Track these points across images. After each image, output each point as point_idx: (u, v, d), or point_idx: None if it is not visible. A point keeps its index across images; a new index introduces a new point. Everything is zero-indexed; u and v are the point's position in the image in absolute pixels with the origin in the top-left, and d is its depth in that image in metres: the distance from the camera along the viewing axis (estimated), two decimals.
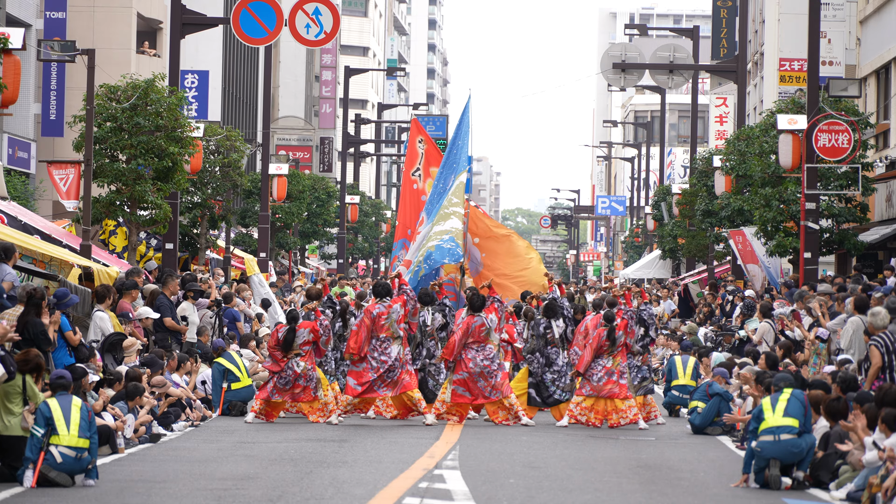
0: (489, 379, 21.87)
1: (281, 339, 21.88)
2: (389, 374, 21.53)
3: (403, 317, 21.74)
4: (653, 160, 75.60)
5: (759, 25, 58.67)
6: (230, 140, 39.02)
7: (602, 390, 21.90)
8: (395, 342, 21.63)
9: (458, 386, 21.95)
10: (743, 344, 29.16)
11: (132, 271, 25.56)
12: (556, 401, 22.57)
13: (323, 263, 68.13)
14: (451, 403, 22.02)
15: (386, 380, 21.54)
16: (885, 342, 18.04)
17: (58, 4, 46.11)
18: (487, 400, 21.99)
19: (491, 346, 22.01)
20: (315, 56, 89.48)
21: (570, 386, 22.53)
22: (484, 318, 21.98)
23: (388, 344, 21.58)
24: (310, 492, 14.27)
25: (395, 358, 21.53)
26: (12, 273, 19.34)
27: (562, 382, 22.55)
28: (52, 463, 14.58)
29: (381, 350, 21.55)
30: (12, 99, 24.21)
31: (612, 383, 21.87)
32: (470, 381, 21.89)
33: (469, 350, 21.95)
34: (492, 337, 22.04)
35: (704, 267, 48.37)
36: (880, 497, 13.93)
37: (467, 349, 21.93)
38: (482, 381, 21.88)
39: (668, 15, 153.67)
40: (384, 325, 21.59)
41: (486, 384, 21.89)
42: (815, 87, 30.87)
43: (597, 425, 21.97)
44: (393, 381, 21.57)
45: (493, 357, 21.95)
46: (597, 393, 21.93)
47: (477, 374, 21.86)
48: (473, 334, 21.96)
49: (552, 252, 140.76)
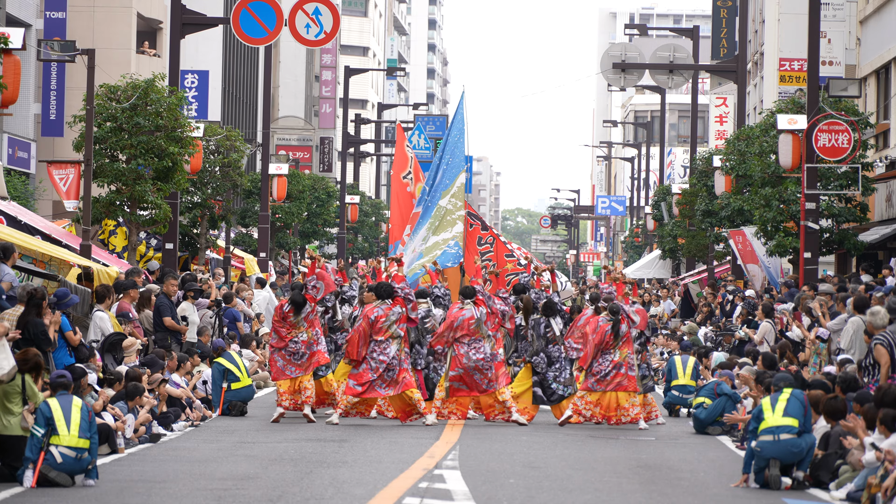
0: (485, 372, 21.94)
1: (289, 309, 21.95)
2: (389, 373, 21.52)
3: (403, 317, 21.74)
4: (653, 160, 75.60)
5: (759, 25, 58.67)
6: (230, 140, 39.03)
7: (610, 384, 21.85)
8: (395, 342, 21.63)
9: (454, 381, 21.98)
10: (743, 344, 29.16)
11: (132, 271, 25.56)
12: (560, 397, 22.57)
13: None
14: (451, 399, 22.04)
15: (386, 379, 21.52)
16: (890, 341, 18.02)
17: (58, 4, 46.10)
18: (485, 392, 22.02)
19: (482, 340, 22.02)
20: (315, 56, 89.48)
21: (569, 380, 22.54)
22: (473, 311, 22.00)
23: (387, 344, 21.57)
24: (310, 492, 14.27)
25: (392, 356, 21.52)
26: (11, 273, 19.34)
27: (562, 377, 22.57)
28: (52, 463, 14.58)
29: (381, 350, 21.51)
30: (12, 99, 24.21)
31: (622, 376, 21.82)
32: (465, 376, 21.95)
33: (461, 345, 21.97)
34: (482, 330, 22.05)
35: (704, 267, 48.37)
36: (880, 497, 13.94)
37: (459, 344, 21.97)
38: (478, 375, 21.94)
39: (668, 15, 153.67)
40: (382, 329, 21.59)
41: (482, 377, 21.95)
42: (815, 87, 30.87)
43: (599, 421, 21.97)
44: (393, 381, 21.56)
45: (485, 350, 21.97)
46: (604, 387, 21.87)
47: (472, 368, 21.90)
48: (462, 327, 21.97)
49: (552, 252, 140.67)
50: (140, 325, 23.14)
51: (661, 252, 56.29)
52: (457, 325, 22.03)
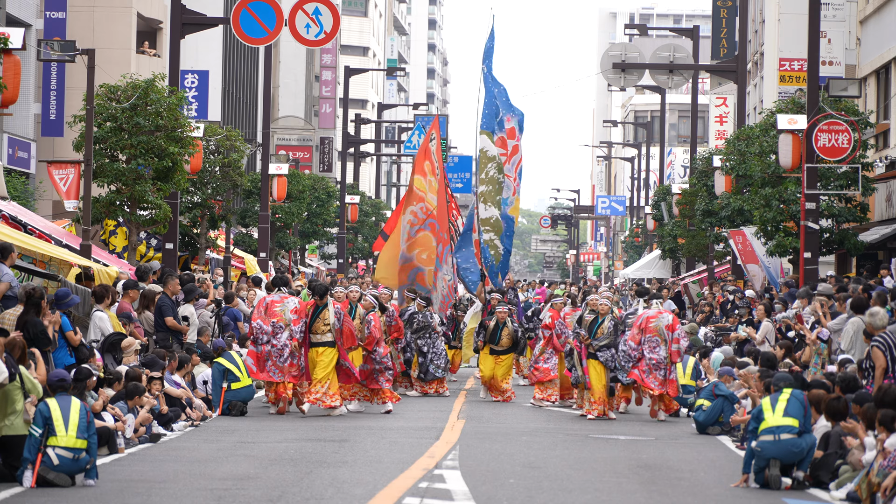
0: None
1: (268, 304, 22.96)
2: (280, 360, 22.58)
3: (297, 310, 22.70)
4: (653, 160, 75.59)
5: (759, 25, 58.66)
6: (230, 140, 39.02)
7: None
8: (286, 330, 22.64)
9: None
10: (743, 344, 29.15)
11: (144, 268, 25.63)
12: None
13: (323, 263, 68.12)
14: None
15: (279, 364, 22.60)
16: (888, 343, 18.00)
17: (58, 4, 46.08)
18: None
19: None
20: (315, 56, 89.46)
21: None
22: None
23: (278, 330, 22.66)
24: (310, 492, 14.27)
25: (283, 344, 22.64)
26: (10, 273, 19.33)
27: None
28: (48, 464, 14.58)
29: (272, 335, 22.68)
30: (12, 99, 24.22)
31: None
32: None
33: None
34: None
35: (704, 267, 48.37)
36: (880, 497, 13.94)
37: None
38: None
39: (668, 15, 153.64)
40: (276, 312, 22.72)
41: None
42: (815, 87, 30.87)
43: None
44: (285, 369, 22.59)
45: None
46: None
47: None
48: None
49: (552, 252, 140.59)
50: (140, 325, 23.14)
51: (661, 252, 56.30)
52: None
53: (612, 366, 23.17)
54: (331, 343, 22.64)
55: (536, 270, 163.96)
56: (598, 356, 23.09)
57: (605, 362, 23.09)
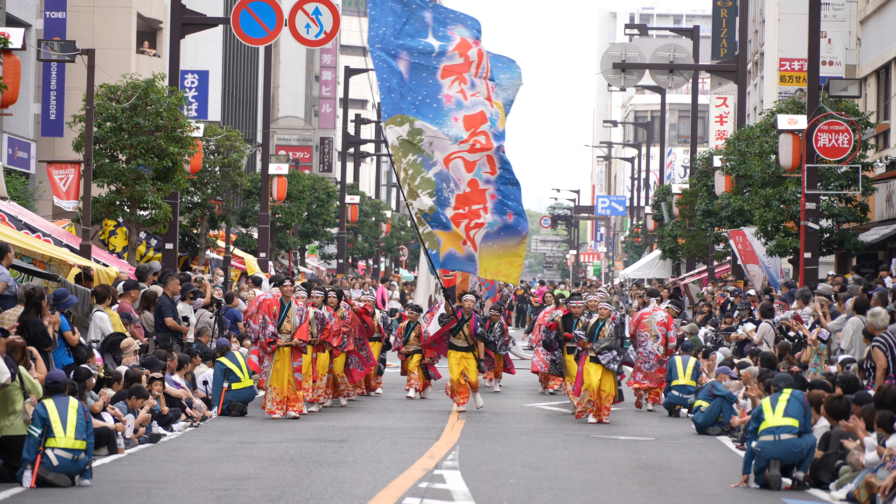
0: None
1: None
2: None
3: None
4: (653, 160, 75.59)
5: (759, 25, 58.65)
6: (230, 140, 39.02)
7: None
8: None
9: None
10: (743, 344, 29.14)
11: (144, 268, 25.62)
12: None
13: (323, 263, 68.10)
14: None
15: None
16: (889, 343, 18.00)
17: (58, 4, 46.08)
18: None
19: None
20: (315, 56, 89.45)
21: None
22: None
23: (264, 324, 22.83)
24: (310, 492, 14.27)
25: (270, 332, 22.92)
26: (6, 273, 19.31)
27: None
28: (48, 465, 14.58)
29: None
30: (12, 99, 24.21)
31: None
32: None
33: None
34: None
35: (704, 267, 48.37)
36: (880, 498, 13.93)
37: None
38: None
39: (668, 15, 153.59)
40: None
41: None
42: (815, 87, 30.86)
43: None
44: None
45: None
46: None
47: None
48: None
49: (552, 252, 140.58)
50: (141, 325, 23.13)
51: (661, 252, 56.29)
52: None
53: (614, 367, 23.12)
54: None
55: (536, 271, 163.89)
56: (600, 359, 23.05)
57: (606, 364, 23.04)
